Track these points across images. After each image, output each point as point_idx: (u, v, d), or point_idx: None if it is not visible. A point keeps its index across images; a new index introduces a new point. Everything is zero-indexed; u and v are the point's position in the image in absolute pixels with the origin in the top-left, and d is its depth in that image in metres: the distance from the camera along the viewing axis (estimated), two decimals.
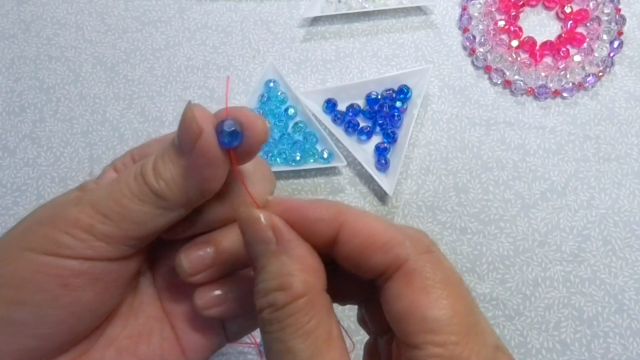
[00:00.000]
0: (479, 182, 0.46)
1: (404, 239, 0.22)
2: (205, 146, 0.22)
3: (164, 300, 0.27)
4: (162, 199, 0.23)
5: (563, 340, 0.42)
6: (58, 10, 0.54)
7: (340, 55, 0.51)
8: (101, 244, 0.22)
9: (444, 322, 0.20)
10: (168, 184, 0.23)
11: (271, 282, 0.21)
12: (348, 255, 0.22)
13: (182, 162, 0.22)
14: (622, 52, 0.50)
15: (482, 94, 0.49)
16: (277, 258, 0.21)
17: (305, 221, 0.22)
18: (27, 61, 0.52)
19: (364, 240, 0.22)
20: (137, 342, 0.26)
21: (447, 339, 0.20)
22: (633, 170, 0.46)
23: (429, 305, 0.20)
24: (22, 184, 0.48)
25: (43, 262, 0.22)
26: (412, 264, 0.21)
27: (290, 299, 0.20)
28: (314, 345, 0.20)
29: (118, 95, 0.51)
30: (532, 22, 0.52)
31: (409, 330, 0.20)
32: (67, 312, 0.23)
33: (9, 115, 0.50)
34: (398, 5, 0.52)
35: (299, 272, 0.21)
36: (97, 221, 0.22)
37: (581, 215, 0.45)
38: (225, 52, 0.52)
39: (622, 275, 0.43)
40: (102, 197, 0.23)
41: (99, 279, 0.23)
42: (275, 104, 0.49)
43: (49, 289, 0.22)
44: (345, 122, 0.48)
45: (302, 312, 0.20)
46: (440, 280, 0.21)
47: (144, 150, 0.27)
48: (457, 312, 0.21)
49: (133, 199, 0.22)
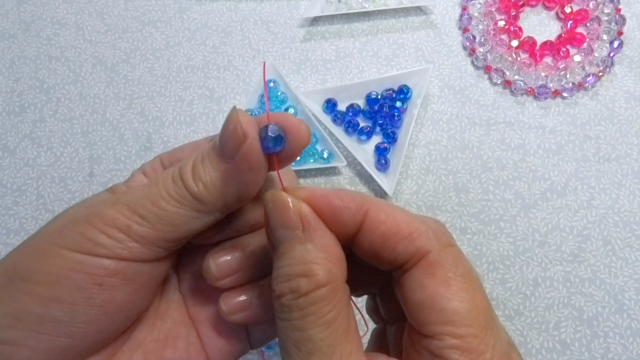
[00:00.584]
0: (479, 182, 0.46)
1: (427, 231, 0.22)
2: (249, 151, 0.22)
3: (189, 305, 0.27)
4: (200, 202, 0.23)
5: (563, 340, 0.42)
6: (58, 10, 0.54)
7: (340, 55, 0.51)
8: (136, 245, 0.23)
9: (463, 315, 0.21)
10: (207, 187, 0.23)
11: (295, 268, 0.21)
12: (370, 244, 0.22)
13: (223, 166, 0.23)
14: (622, 52, 0.50)
15: (482, 94, 0.49)
16: (302, 245, 0.21)
17: (331, 209, 0.22)
18: (27, 61, 0.52)
19: (388, 229, 0.22)
20: (164, 346, 0.26)
21: (466, 331, 0.20)
22: (633, 170, 0.46)
23: (450, 298, 0.21)
24: (22, 184, 0.48)
25: (79, 260, 0.22)
26: (434, 256, 0.22)
27: (313, 286, 0.20)
28: (333, 336, 0.20)
29: (118, 95, 0.51)
30: (532, 22, 0.52)
31: (428, 320, 0.21)
32: (100, 311, 0.23)
33: (9, 115, 0.50)
34: (398, 5, 0.52)
35: (324, 260, 0.21)
36: (134, 222, 0.22)
37: (581, 215, 0.45)
38: (225, 52, 0.52)
39: (622, 275, 0.43)
40: (139, 198, 0.23)
41: (132, 279, 0.23)
42: (275, 104, 0.49)
43: (84, 287, 0.22)
44: (345, 122, 0.48)
45: (325, 301, 0.20)
46: (461, 274, 0.22)
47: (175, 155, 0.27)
48: (476, 306, 0.21)
49: (171, 201, 0.23)
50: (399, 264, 0.22)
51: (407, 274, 0.22)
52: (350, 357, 0.20)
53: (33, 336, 0.22)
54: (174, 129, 0.49)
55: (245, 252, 0.25)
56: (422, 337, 0.21)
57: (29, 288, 0.22)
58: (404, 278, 0.22)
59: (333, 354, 0.20)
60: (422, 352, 0.21)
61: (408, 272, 0.22)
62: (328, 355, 0.20)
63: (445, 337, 0.20)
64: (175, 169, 0.23)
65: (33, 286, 0.22)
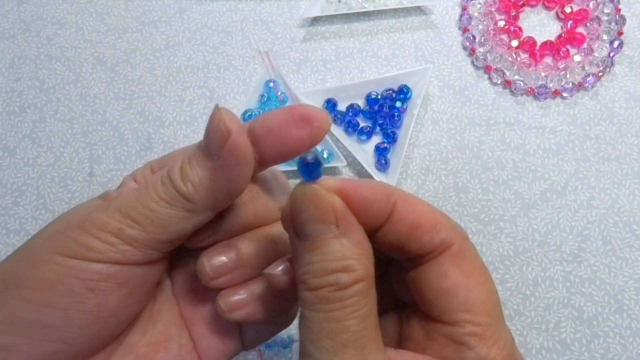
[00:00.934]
0: (479, 182, 0.46)
1: (450, 223, 0.23)
2: (234, 147, 0.22)
3: (182, 307, 0.28)
4: (189, 201, 0.23)
5: (563, 340, 0.42)
6: (58, 10, 0.54)
7: (340, 55, 0.51)
8: (129, 248, 0.23)
9: (482, 305, 0.22)
10: (196, 186, 0.23)
11: (333, 264, 0.21)
12: (396, 236, 0.23)
13: (209, 164, 0.23)
14: (622, 52, 0.50)
15: (482, 94, 0.49)
16: (338, 240, 0.21)
17: (362, 201, 0.22)
18: (27, 61, 0.52)
19: (414, 221, 0.23)
20: (156, 350, 0.26)
21: (484, 320, 0.22)
22: (633, 170, 0.46)
23: (471, 288, 0.22)
24: (22, 184, 0.48)
25: (72, 266, 0.22)
26: (457, 247, 0.23)
27: (353, 281, 0.21)
28: (368, 329, 0.21)
29: (118, 95, 0.51)
30: (532, 22, 0.52)
31: (451, 308, 0.22)
32: (93, 315, 0.23)
33: (9, 115, 0.50)
34: (398, 5, 0.52)
35: (360, 256, 0.21)
36: (125, 225, 0.23)
37: (581, 215, 0.45)
38: (225, 52, 0.52)
39: (622, 275, 0.43)
40: (130, 202, 0.23)
41: (124, 283, 0.23)
42: (275, 104, 0.49)
43: (77, 292, 0.22)
44: (345, 122, 0.48)
45: (361, 295, 0.21)
46: (479, 267, 0.23)
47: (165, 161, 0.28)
48: (492, 297, 0.23)
49: (161, 202, 0.23)
50: (422, 254, 0.23)
51: (429, 264, 0.23)
52: (378, 350, 0.21)
53: (26, 342, 0.22)
54: (174, 129, 0.49)
55: (239, 251, 0.25)
56: (440, 324, 0.22)
57: (23, 294, 0.22)
58: (424, 268, 0.23)
59: (365, 346, 0.21)
60: (438, 339, 0.22)
61: (430, 262, 0.23)
62: (361, 347, 0.21)
63: (465, 325, 0.22)
64: (164, 172, 0.24)
65: (27, 292, 0.22)
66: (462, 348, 0.22)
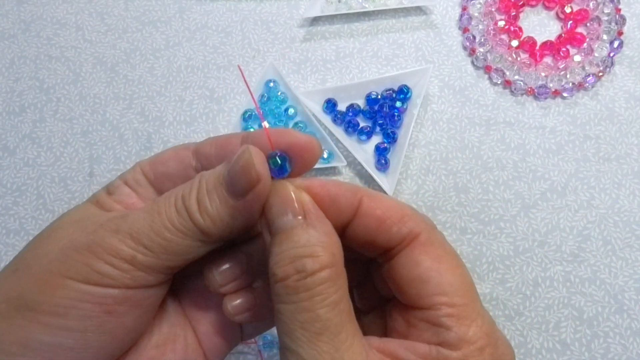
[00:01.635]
0: (479, 182, 0.46)
1: (416, 214, 0.24)
2: (262, 191, 0.22)
3: (186, 308, 0.28)
4: (206, 234, 0.23)
5: (563, 340, 0.42)
6: (58, 10, 0.54)
7: (340, 55, 0.51)
8: (142, 274, 0.23)
9: (456, 287, 0.23)
10: (214, 221, 0.23)
11: (299, 250, 0.21)
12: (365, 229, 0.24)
13: (231, 202, 0.23)
14: (622, 52, 0.50)
15: (482, 94, 0.49)
16: (304, 230, 0.22)
17: (329, 197, 0.23)
18: (27, 61, 0.52)
19: (382, 214, 0.24)
20: (164, 351, 0.26)
21: (459, 301, 0.23)
22: (633, 170, 0.46)
23: (443, 272, 0.23)
24: (22, 184, 0.48)
25: (86, 291, 0.22)
26: (425, 235, 0.24)
27: (318, 267, 0.21)
28: (340, 317, 0.21)
29: (118, 95, 0.51)
30: (532, 22, 0.52)
31: (425, 293, 0.23)
32: (110, 336, 0.23)
33: (9, 115, 0.50)
34: (398, 5, 0.52)
35: (327, 244, 0.22)
36: (138, 252, 0.23)
37: (581, 215, 0.45)
38: (225, 52, 0.52)
39: (622, 275, 0.43)
40: (142, 228, 0.23)
41: (138, 305, 0.24)
42: (275, 104, 0.49)
43: (94, 316, 0.22)
44: (345, 122, 0.48)
45: (330, 282, 0.21)
46: (449, 252, 0.24)
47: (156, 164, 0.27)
48: (465, 280, 0.24)
49: (176, 233, 0.23)
50: (393, 245, 0.24)
51: (400, 255, 0.24)
52: (354, 337, 0.21)
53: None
54: (174, 129, 0.49)
55: (244, 258, 0.26)
56: (418, 310, 0.23)
57: (37, 318, 0.22)
58: (396, 260, 0.24)
59: (340, 333, 0.21)
60: (418, 325, 0.23)
61: (400, 253, 0.24)
62: (335, 335, 0.21)
63: (441, 307, 0.22)
64: (178, 198, 0.23)
65: (41, 316, 0.22)
66: (440, 330, 0.22)
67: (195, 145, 0.27)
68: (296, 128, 0.47)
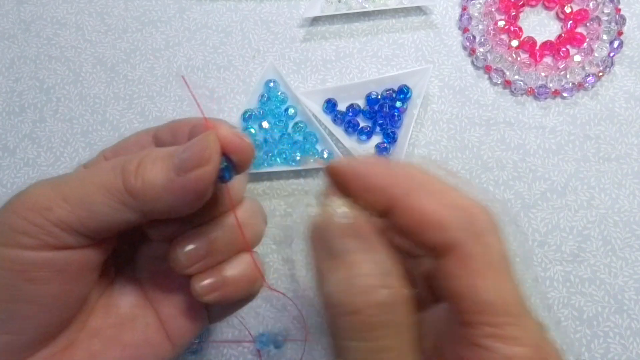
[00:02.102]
0: (479, 182, 0.46)
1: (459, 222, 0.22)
2: (204, 175, 0.22)
3: (147, 288, 0.28)
4: (131, 196, 0.22)
5: (563, 340, 0.42)
6: (58, 10, 0.54)
7: (340, 55, 0.51)
8: (57, 230, 0.22)
9: (497, 304, 0.21)
10: (145, 186, 0.22)
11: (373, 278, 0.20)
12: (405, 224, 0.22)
13: (172, 175, 0.22)
14: (622, 52, 0.50)
15: (482, 94, 0.50)
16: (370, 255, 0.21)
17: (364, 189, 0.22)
18: (27, 61, 0.52)
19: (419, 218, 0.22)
20: (121, 330, 0.26)
21: (502, 320, 0.20)
22: (633, 170, 0.46)
23: (483, 288, 0.21)
24: (22, 184, 0.48)
25: (4, 257, 0.21)
26: (465, 248, 0.21)
27: (395, 298, 0.20)
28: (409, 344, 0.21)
29: (118, 95, 0.51)
30: (532, 22, 0.52)
31: (463, 309, 0.21)
32: (36, 305, 0.22)
33: (9, 115, 0.50)
34: (398, 5, 0.52)
35: (394, 271, 0.21)
36: (55, 204, 0.22)
37: (581, 215, 0.45)
38: (225, 52, 0.52)
39: (622, 275, 0.43)
40: (69, 179, 0.22)
41: (62, 270, 0.23)
42: (275, 104, 0.49)
43: (15, 284, 0.22)
44: (345, 122, 0.48)
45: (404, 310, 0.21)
46: (492, 265, 0.21)
47: (118, 148, 0.27)
48: (511, 294, 0.21)
49: (100, 188, 0.22)
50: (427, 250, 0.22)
51: (441, 262, 0.22)
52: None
53: None
54: None
55: (209, 238, 0.25)
56: (459, 324, 0.21)
57: None
58: (438, 265, 0.22)
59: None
60: (460, 341, 0.21)
61: (441, 259, 0.22)
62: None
63: (481, 327, 0.20)
64: (119, 160, 0.23)
65: None
66: (480, 350, 0.20)
67: (156, 129, 0.27)
68: (296, 128, 0.47)
